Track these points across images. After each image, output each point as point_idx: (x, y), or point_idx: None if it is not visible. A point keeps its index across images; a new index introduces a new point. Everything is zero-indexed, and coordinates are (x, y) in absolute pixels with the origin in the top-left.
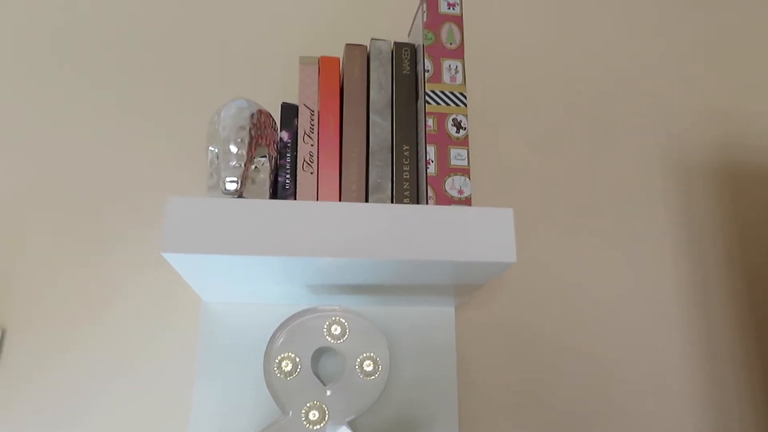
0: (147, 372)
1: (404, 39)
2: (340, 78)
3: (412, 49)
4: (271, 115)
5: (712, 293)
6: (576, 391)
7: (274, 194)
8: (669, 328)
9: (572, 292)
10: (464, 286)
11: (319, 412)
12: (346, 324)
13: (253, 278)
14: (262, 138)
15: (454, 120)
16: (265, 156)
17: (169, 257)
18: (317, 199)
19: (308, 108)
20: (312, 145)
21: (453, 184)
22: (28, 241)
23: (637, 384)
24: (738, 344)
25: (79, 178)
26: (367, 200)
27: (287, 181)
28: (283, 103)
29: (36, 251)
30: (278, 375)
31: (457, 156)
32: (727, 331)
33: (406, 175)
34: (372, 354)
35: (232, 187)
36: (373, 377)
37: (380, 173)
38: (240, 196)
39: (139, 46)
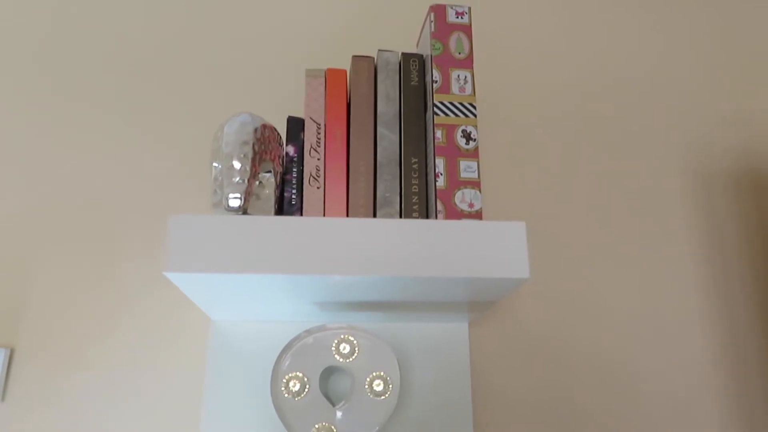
0: (155, 392)
1: (412, 50)
2: (347, 90)
3: (420, 59)
4: (275, 130)
5: (736, 301)
6: (593, 407)
7: (280, 210)
8: (692, 339)
9: (590, 307)
10: (477, 303)
11: None
12: (354, 342)
13: (260, 296)
14: (266, 153)
15: (463, 131)
16: (270, 171)
17: (173, 277)
18: (324, 215)
19: (314, 121)
20: (318, 159)
21: (463, 198)
22: (34, 262)
23: (659, 401)
24: (764, 352)
25: (84, 198)
26: (375, 215)
27: (293, 196)
28: (289, 116)
29: (43, 272)
30: (286, 395)
31: (467, 168)
32: (752, 340)
33: (414, 188)
34: (382, 373)
35: (235, 203)
36: (383, 397)
37: (388, 187)
38: (244, 212)
39: (142, 62)
